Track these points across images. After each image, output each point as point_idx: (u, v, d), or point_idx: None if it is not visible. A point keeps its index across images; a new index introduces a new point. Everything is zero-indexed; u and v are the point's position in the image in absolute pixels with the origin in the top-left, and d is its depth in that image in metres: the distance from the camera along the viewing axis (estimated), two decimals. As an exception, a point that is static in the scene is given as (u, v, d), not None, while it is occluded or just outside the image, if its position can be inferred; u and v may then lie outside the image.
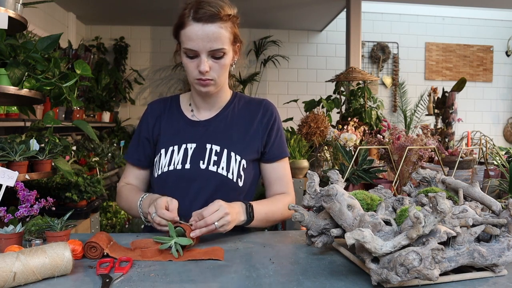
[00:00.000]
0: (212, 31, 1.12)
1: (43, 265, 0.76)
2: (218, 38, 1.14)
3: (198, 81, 1.18)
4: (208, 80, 1.17)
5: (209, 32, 1.12)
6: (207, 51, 1.13)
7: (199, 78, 1.17)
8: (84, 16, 4.87)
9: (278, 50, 5.57)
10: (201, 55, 1.14)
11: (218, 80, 1.20)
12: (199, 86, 1.19)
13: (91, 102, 4.55)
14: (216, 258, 0.90)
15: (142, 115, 1.36)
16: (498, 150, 1.81)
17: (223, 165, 1.21)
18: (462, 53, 5.88)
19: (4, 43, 1.36)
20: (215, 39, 1.13)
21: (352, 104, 2.80)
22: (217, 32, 1.13)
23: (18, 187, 0.99)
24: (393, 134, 1.62)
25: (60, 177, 2.06)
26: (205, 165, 1.21)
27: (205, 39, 1.12)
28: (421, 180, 1.12)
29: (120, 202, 1.31)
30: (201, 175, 1.20)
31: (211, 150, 1.22)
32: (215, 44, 1.13)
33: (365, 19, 5.00)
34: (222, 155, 1.22)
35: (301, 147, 2.28)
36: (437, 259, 0.69)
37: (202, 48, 1.13)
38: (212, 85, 1.19)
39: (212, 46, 1.13)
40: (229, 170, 1.21)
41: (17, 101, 1.66)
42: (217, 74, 1.18)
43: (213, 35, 1.13)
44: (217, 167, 1.21)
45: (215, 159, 1.22)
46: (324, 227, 0.94)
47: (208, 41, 1.12)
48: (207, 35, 1.12)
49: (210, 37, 1.12)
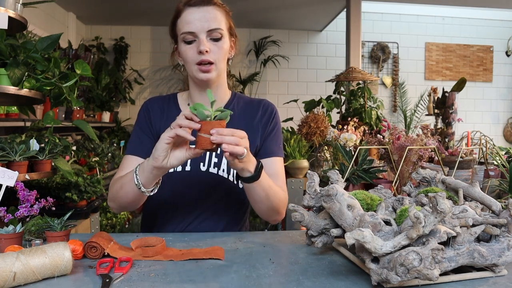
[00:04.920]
0: (209, 12, 1.14)
1: (43, 265, 0.76)
2: (215, 18, 1.14)
3: (199, 67, 1.14)
4: (209, 63, 1.14)
5: (205, 13, 1.13)
6: (205, 31, 1.13)
7: (200, 62, 1.13)
8: (84, 16, 4.87)
9: (278, 50, 5.57)
10: (200, 36, 1.13)
11: (219, 65, 1.17)
12: (199, 73, 1.15)
13: (91, 102, 4.55)
14: (217, 257, 0.90)
15: (140, 112, 1.29)
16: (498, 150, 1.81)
17: (224, 167, 1.20)
18: (462, 53, 5.88)
19: (4, 43, 1.36)
20: (212, 19, 1.13)
21: (352, 104, 2.80)
22: (213, 12, 1.14)
23: (18, 187, 0.99)
24: (393, 134, 1.62)
25: (60, 177, 2.06)
26: (206, 167, 1.20)
27: (202, 19, 1.12)
28: (421, 180, 1.12)
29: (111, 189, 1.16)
30: (202, 178, 1.19)
31: (211, 152, 1.21)
32: (212, 24, 1.13)
33: (365, 19, 5.00)
34: (222, 157, 1.20)
35: (301, 147, 2.28)
36: (437, 259, 0.69)
37: (200, 28, 1.12)
38: (213, 71, 1.16)
39: (209, 26, 1.13)
40: (230, 172, 1.21)
41: (17, 101, 1.66)
42: (216, 57, 1.15)
43: (210, 15, 1.13)
44: (217, 169, 1.20)
45: (216, 161, 1.20)
46: (324, 227, 0.94)
47: (205, 21, 1.13)
48: (204, 15, 1.13)
49: (207, 17, 1.13)
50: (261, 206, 1.13)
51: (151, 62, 5.41)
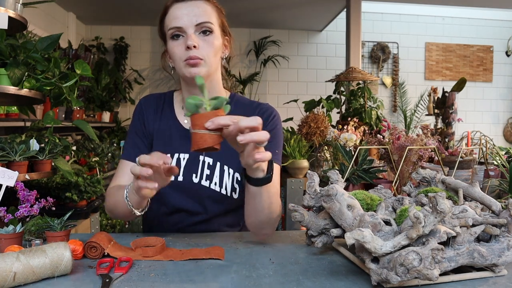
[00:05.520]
0: (197, 6, 1.08)
1: (43, 265, 0.76)
2: (204, 12, 1.08)
3: (187, 62, 1.06)
4: (197, 58, 1.05)
5: (194, 7, 1.07)
6: (193, 25, 1.06)
7: (187, 58, 1.05)
8: (84, 16, 4.87)
9: (278, 50, 5.57)
10: (187, 31, 1.06)
11: (208, 61, 1.08)
12: (188, 68, 1.06)
13: (91, 102, 4.55)
14: (217, 257, 0.90)
15: (135, 113, 1.23)
16: (498, 150, 1.81)
17: (216, 180, 1.14)
18: (462, 53, 5.88)
19: (4, 43, 1.36)
20: (200, 13, 1.07)
21: (352, 104, 2.80)
22: (202, 7, 1.08)
23: (18, 187, 0.99)
24: (393, 134, 1.62)
25: (60, 177, 2.06)
26: (198, 179, 1.14)
27: (190, 14, 1.06)
28: (421, 180, 1.12)
29: (108, 202, 1.11)
30: (194, 189, 1.14)
31: (204, 163, 1.15)
32: (200, 18, 1.07)
33: (365, 19, 5.00)
34: (215, 169, 1.14)
35: (301, 147, 2.28)
36: (437, 259, 0.69)
37: (188, 22, 1.06)
38: (201, 66, 1.07)
39: (198, 20, 1.06)
40: (222, 186, 1.14)
41: (17, 101, 1.66)
42: (206, 53, 1.07)
43: (198, 9, 1.07)
44: (209, 182, 1.14)
45: (208, 173, 1.14)
46: (324, 227, 0.94)
47: (193, 15, 1.06)
48: (192, 10, 1.07)
49: (195, 12, 1.07)
50: (261, 216, 0.98)
51: (151, 62, 5.41)
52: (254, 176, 0.90)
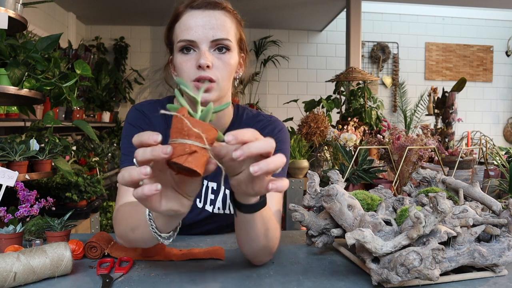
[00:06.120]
0: (215, 17, 0.91)
1: (43, 265, 0.76)
2: (222, 25, 0.91)
3: (196, 83, 0.90)
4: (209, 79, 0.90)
5: (211, 18, 0.91)
6: (209, 40, 0.90)
7: (198, 79, 0.89)
8: (84, 16, 4.87)
9: (278, 50, 5.57)
10: (201, 46, 0.90)
11: (222, 84, 0.93)
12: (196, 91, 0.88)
13: (91, 102, 4.55)
14: (217, 257, 0.90)
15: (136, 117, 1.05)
16: (498, 150, 1.81)
17: (219, 205, 1.09)
18: (462, 53, 5.88)
19: (4, 43, 1.36)
20: (219, 27, 0.91)
21: (352, 104, 2.80)
22: (221, 19, 0.92)
23: (18, 187, 0.99)
24: (393, 134, 1.62)
25: (60, 177, 2.06)
26: (202, 204, 1.09)
27: (206, 26, 0.90)
28: (421, 180, 1.12)
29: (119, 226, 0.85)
30: (197, 212, 1.11)
31: (207, 188, 1.08)
32: (218, 33, 0.90)
33: (365, 19, 5.00)
34: (218, 194, 1.09)
35: (301, 147, 2.28)
36: (438, 259, 0.69)
37: (203, 36, 0.90)
38: (214, 91, 0.91)
39: (214, 35, 0.90)
40: (225, 207, 1.10)
41: (17, 101, 1.66)
42: (220, 75, 0.92)
43: (216, 21, 0.91)
44: (213, 207, 1.09)
45: (212, 198, 1.09)
46: (324, 227, 0.94)
47: (210, 27, 0.90)
48: (209, 21, 0.90)
49: (213, 24, 0.90)
50: (255, 245, 0.80)
51: (151, 62, 5.42)
52: (246, 202, 0.71)
